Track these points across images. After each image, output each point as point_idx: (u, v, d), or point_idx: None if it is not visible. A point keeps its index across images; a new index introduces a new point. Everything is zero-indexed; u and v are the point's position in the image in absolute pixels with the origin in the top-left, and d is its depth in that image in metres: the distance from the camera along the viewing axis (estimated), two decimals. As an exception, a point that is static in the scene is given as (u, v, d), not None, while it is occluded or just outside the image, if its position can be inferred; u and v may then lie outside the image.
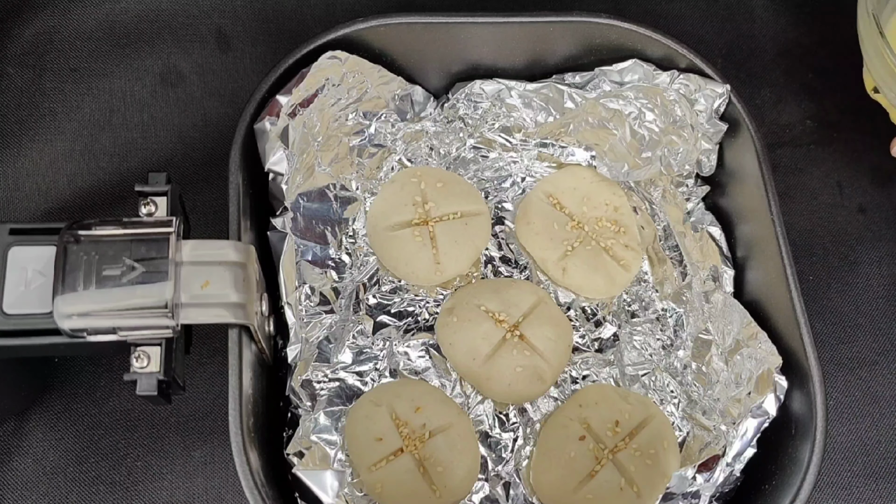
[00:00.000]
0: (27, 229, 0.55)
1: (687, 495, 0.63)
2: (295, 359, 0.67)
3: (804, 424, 0.63)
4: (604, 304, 0.74)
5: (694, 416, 0.69)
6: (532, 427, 0.69)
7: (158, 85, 0.82)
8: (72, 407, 0.70)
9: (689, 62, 0.75)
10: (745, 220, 0.74)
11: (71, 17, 0.84)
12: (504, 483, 0.67)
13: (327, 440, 0.65)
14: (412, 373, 0.70)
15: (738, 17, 0.91)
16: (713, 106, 0.75)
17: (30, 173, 0.78)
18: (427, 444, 0.64)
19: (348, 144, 0.75)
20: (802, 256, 0.79)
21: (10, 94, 0.80)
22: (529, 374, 0.68)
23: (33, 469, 0.68)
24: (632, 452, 0.65)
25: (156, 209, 0.56)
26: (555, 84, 0.76)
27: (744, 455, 0.64)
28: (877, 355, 0.77)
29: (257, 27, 0.86)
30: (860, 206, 0.83)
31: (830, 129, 0.86)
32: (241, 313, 0.57)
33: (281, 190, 0.70)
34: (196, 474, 0.69)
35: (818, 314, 0.77)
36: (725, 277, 0.74)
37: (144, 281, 0.53)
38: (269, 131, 0.69)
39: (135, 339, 0.53)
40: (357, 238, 0.74)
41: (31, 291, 0.53)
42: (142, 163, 0.79)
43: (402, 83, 0.76)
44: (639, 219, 0.76)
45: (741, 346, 0.68)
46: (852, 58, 0.79)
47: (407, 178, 0.75)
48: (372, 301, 0.72)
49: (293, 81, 0.71)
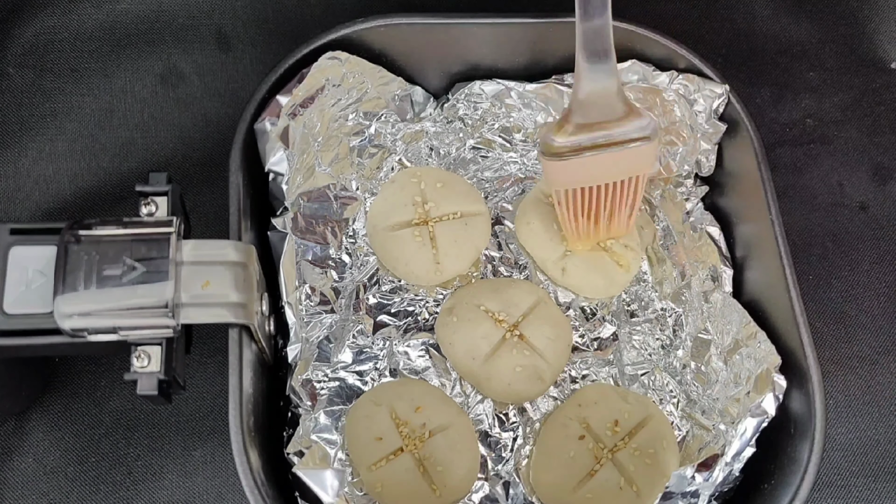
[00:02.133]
0: (28, 229, 0.55)
1: (686, 494, 0.63)
2: (295, 358, 0.67)
3: (803, 424, 0.63)
4: (603, 304, 0.74)
5: (693, 415, 0.69)
6: (532, 426, 0.69)
7: (158, 85, 0.82)
8: (72, 407, 0.70)
9: (688, 62, 0.75)
10: (744, 220, 0.74)
11: (71, 17, 0.84)
12: (504, 482, 0.67)
13: (327, 439, 0.65)
14: (412, 372, 0.70)
15: (737, 16, 0.91)
16: (712, 106, 0.75)
17: (30, 173, 0.78)
18: (427, 444, 0.65)
19: (348, 145, 0.75)
20: (802, 256, 0.79)
21: (11, 94, 0.81)
22: (529, 374, 0.68)
23: (33, 469, 0.68)
24: (631, 452, 0.66)
25: (156, 209, 0.56)
26: (554, 84, 0.76)
27: (743, 454, 0.64)
28: (877, 354, 0.77)
29: (257, 27, 0.86)
30: (861, 205, 0.83)
31: (831, 127, 0.86)
32: (242, 313, 0.57)
33: (281, 190, 0.70)
34: (196, 474, 0.69)
35: (818, 313, 0.78)
36: (724, 277, 0.74)
37: (145, 281, 0.53)
38: (269, 132, 0.69)
39: (135, 338, 0.53)
40: (357, 238, 0.74)
41: (31, 291, 0.53)
42: (142, 163, 0.79)
43: (401, 83, 0.77)
44: (638, 219, 0.76)
45: (740, 345, 0.68)
46: (853, 56, 0.79)
47: (407, 179, 0.75)
48: (372, 301, 0.72)
49: (293, 82, 0.71)
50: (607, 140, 0.64)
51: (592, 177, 0.66)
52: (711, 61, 0.75)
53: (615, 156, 0.64)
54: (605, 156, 0.64)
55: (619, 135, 0.64)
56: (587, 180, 0.66)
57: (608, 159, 0.64)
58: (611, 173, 0.66)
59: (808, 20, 0.91)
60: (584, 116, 0.64)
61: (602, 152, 0.64)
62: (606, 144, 0.64)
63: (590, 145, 0.64)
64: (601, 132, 0.64)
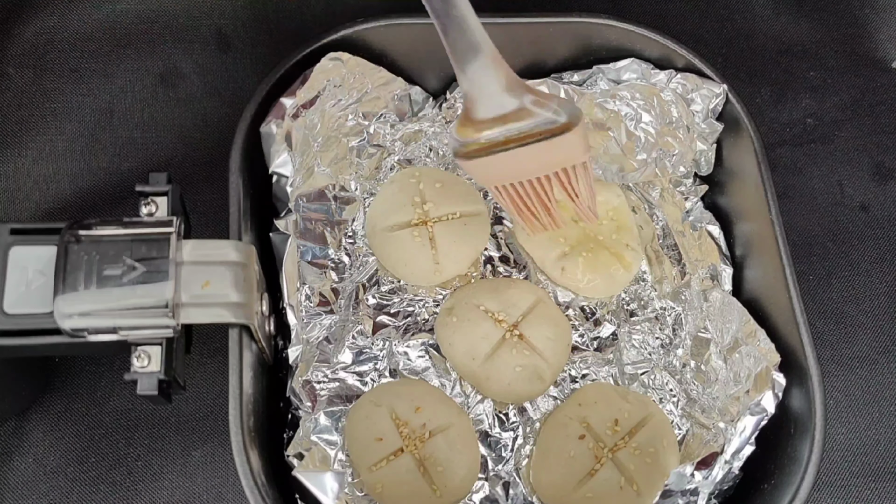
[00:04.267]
0: (28, 229, 0.55)
1: (686, 493, 0.63)
2: (296, 360, 0.67)
3: (803, 423, 0.63)
4: (603, 304, 0.74)
5: (693, 414, 0.69)
6: (532, 426, 0.69)
7: (159, 85, 0.82)
8: (72, 407, 0.70)
9: (687, 62, 0.75)
10: (744, 218, 0.74)
11: (71, 17, 0.84)
12: (504, 482, 0.67)
13: (327, 440, 0.65)
14: (412, 373, 0.70)
15: (737, 15, 0.91)
16: (710, 106, 0.75)
17: (30, 173, 0.78)
18: (427, 444, 0.65)
19: (347, 145, 0.75)
20: (803, 256, 0.79)
21: (11, 94, 0.81)
22: (529, 374, 0.68)
23: (33, 469, 0.68)
24: (631, 451, 0.66)
25: (156, 209, 0.56)
26: (552, 81, 0.76)
27: (742, 453, 0.64)
28: (877, 354, 0.77)
29: (257, 28, 0.86)
30: (862, 205, 0.83)
31: (831, 127, 0.86)
32: (242, 313, 0.57)
33: (285, 192, 0.70)
34: (196, 474, 0.69)
35: (819, 313, 0.78)
36: (724, 276, 0.74)
37: (145, 281, 0.53)
38: (274, 134, 0.69)
39: (135, 338, 0.53)
40: (356, 238, 0.74)
41: (31, 291, 0.53)
42: (142, 163, 0.79)
43: (401, 83, 0.77)
44: (637, 218, 0.76)
45: (740, 344, 0.68)
46: (853, 56, 0.79)
47: (406, 179, 0.75)
48: (371, 301, 0.72)
49: (296, 83, 0.71)
50: (520, 134, 0.61)
51: (520, 172, 0.64)
52: (711, 61, 0.75)
53: (536, 149, 0.61)
54: (524, 150, 0.61)
55: (530, 128, 0.61)
56: (515, 175, 0.64)
57: (529, 153, 0.62)
58: (540, 167, 0.63)
59: (808, 20, 0.91)
60: (482, 112, 0.62)
61: (518, 147, 0.61)
62: (520, 139, 0.61)
63: (502, 140, 0.62)
64: (507, 126, 0.61)
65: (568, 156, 0.63)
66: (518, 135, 0.61)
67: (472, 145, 0.63)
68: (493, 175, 0.64)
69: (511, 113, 0.61)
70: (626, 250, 0.74)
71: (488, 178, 0.65)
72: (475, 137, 0.62)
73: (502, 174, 0.64)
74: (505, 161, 0.62)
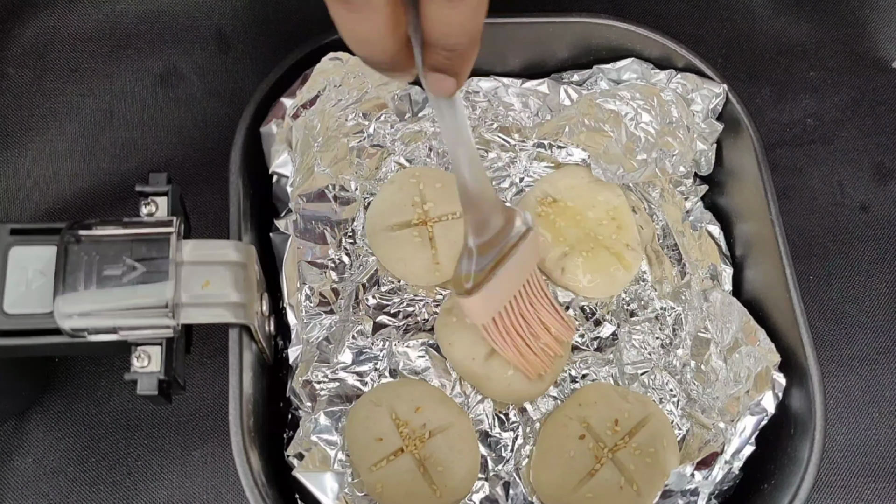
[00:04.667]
0: (28, 229, 0.55)
1: (686, 493, 0.63)
2: (296, 360, 0.67)
3: (803, 423, 0.63)
4: (603, 304, 0.74)
5: (693, 414, 0.69)
6: (532, 426, 0.69)
7: (158, 85, 0.82)
8: (72, 407, 0.70)
9: (687, 62, 0.75)
10: (744, 218, 0.74)
11: (71, 17, 0.84)
12: (504, 482, 0.67)
13: (327, 440, 0.65)
14: (412, 373, 0.70)
15: (737, 16, 0.91)
16: (710, 106, 0.75)
17: (30, 173, 0.78)
18: (427, 444, 0.65)
19: (347, 145, 0.75)
20: (803, 256, 0.79)
21: (11, 95, 0.81)
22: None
23: (33, 469, 0.68)
24: (631, 451, 0.66)
25: (156, 209, 0.56)
26: (552, 81, 0.76)
27: (742, 453, 0.64)
28: (877, 354, 0.77)
29: (257, 27, 0.86)
30: (862, 205, 0.83)
31: (831, 127, 0.86)
32: (242, 313, 0.57)
33: (285, 192, 0.70)
34: (196, 474, 0.69)
35: (819, 313, 0.77)
36: (724, 276, 0.74)
37: (145, 281, 0.53)
38: (274, 134, 0.69)
39: (135, 338, 0.53)
40: (356, 238, 0.74)
41: (31, 291, 0.53)
42: (142, 163, 0.79)
43: (401, 83, 0.76)
44: (637, 218, 0.76)
45: (740, 344, 0.68)
46: (853, 56, 0.79)
47: (406, 179, 0.75)
48: (371, 301, 0.72)
49: (297, 83, 0.71)
50: (500, 254, 0.63)
51: (504, 294, 0.64)
52: (711, 61, 0.75)
53: (511, 264, 0.63)
54: (504, 269, 0.62)
55: (506, 243, 0.63)
56: (502, 299, 0.64)
57: (508, 271, 0.63)
58: (514, 282, 0.65)
59: (808, 20, 0.91)
60: (479, 235, 0.62)
61: (501, 267, 0.62)
62: (501, 258, 0.63)
63: (493, 265, 0.63)
64: (494, 249, 0.63)
65: (530, 258, 0.65)
66: (500, 254, 0.63)
67: (479, 277, 0.62)
68: (489, 306, 0.64)
69: (500, 230, 0.63)
70: (626, 250, 0.74)
71: (486, 311, 0.64)
72: (478, 265, 0.62)
73: (495, 302, 0.64)
74: (496, 285, 0.62)
